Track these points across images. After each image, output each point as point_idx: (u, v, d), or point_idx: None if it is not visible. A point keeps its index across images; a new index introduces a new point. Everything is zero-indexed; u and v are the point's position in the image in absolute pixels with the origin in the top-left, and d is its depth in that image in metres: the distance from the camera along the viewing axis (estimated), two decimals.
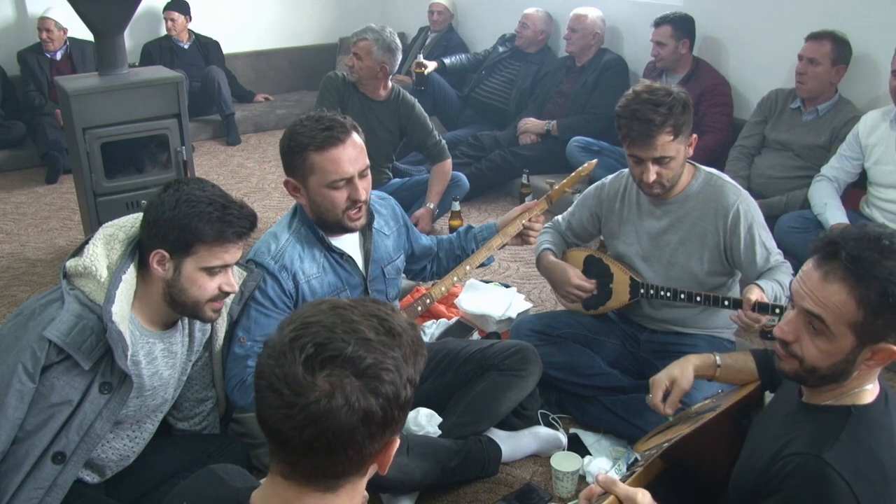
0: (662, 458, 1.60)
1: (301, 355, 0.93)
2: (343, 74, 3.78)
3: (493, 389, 2.22)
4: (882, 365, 1.32)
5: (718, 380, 1.85)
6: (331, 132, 1.98)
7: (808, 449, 1.28)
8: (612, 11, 4.49)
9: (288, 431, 0.93)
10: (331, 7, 6.57)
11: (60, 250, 3.84)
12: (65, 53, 5.16)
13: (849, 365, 1.31)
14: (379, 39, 3.63)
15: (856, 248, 1.27)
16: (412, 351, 0.99)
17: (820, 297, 1.30)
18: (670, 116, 2.09)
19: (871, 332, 1.28)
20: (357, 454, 0.96)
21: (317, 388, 0.92)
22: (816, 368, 1.33)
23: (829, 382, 1.35)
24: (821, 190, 3.09)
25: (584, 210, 2.52)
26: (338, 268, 2.14)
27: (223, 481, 1.11)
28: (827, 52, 3.18)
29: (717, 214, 2.23)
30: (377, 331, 0.97)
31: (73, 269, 1.68)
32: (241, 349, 2.01)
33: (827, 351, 1.31)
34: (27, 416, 1.60)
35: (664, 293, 2.28)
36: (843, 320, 1.28)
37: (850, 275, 1.27)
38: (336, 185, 2.00)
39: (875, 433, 1.30)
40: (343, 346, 0.94)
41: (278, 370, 0.93)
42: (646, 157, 2.15)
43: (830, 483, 1.24)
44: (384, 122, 3.73)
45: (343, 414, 0.92)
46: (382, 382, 0.94)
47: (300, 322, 0.97)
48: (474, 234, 2.47)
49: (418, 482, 2.05)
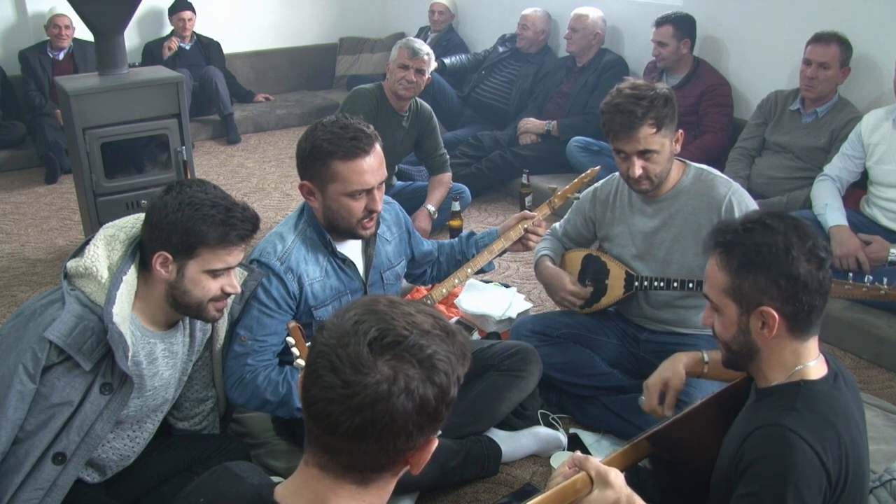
0: (650, 440, 1.60)
1: (365, 338, 0.93)
2: (375, 88, 3.63)
3: (494, 390, 2.22)
4: (774, 330, 1.39)
5: (708, 377, 1.91)
6: (357, 142, 1.96)
7: (767, 421, 1.34)
8: (612, 11, 4.49)
9: (339, 415, 0.92)
10: (331, 7, 6.57)
11: (60, 250, 3.84)
12: (67, 53, 5.16)
13: (747, 336, 1.43)
14: (432, 55, 3.59)
15: (729, 231, 1.44)
16: (462, 352, 1.00)
17: (707, 277, 1.48)
18: (651, 109, 2.11)
19: (744, 295, 1.41)
20: (404, 445, 0.96)
21: (379, 370, 0.92)
22: (728, 345, 1.48)
23: (747, 359, 1.46)
24: (823, 190, 3.09)
25: (578, 215, 2.54)
26: (340, 272, 2.14)
27: (241, 478, 1.10)
28: (835, 54, 3.18)
29: (710, 208, 2.23)
30: (434, 326, 0.98)
31: (74, 269, 1.68)
32: (241, 347, 2.00)
33: (723, 324, 1.46)
34: (27, 416, 1.60)
35: (658, 283, 2.30)
36: (719, 289, 1.44)
37: (722, 249, 1.44)
38: (356, 195, 2.00)
39: (828, 404, 1.37)
40: (406, 333, 0.94)
41: (341, 350, 0.93)
42: (630, 150, 2.17)
43: (793, 445, 1.28)
44: (406, 136, 3.70)
45: (402, 400, 0.92)
46: (438, 373, 0.95)
47: (361, 310, 0.97)
48: (475, 240, 2.47)
49: (418, 482, 2.05)
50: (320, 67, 6.58)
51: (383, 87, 3.63)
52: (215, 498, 1.09)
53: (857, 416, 1.41)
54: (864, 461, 1.38)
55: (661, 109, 2.13)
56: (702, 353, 1.89)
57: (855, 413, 1.41)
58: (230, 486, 1.10)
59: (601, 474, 1.28)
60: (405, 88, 3.54)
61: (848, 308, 2.87)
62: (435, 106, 4.02)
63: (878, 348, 2.79)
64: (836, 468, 1.30)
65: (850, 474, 1.32)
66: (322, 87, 6.57)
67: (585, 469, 1.30)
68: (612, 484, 1.27)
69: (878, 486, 1.84)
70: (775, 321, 1.38)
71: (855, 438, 1.35)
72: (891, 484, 1.84)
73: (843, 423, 1.34)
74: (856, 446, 1.35)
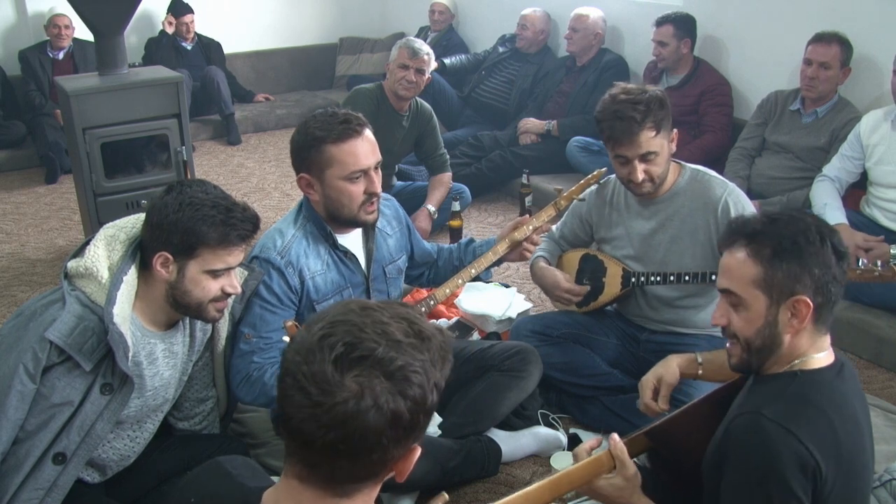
0: (648, 435, 1.61)
1: (331, 354, 0.90)
2: (375, 88, 3.63)
3: (494, 390, 2.22)
4: (805, 320, 1.37)
5: (703, 378, 1.93)
6: (348, 125, 2.00)
7: (749, 408, 1.34)
8: (612, 11, 4.49)
9: (313, 432, 0.90)
10: (331, 7, 6.57)
11: (60, 250, 3.84)
12: (67, 53, 5.17)
13: (773, 328, 1.38)
14: (432, 55, 3.59)
15: (754, 224, 1.41)
16: (440, 356, 0.97)
17: (726, 271, 1.43)
18: (650, 112, 2.13)
19: (776, 286, 1.36)
20: (380, 458, 0.94)
21: (346, 388, 0.89)
22: (750, 342, 1.41)
23: (767, 356, 1.41)
24: (822, 190, 3.09)
25: (574, 218, 2.55)
26: (341, 266, 2.14)
27: (231, 476, 1.09)
28: (836, 54, 3.18)
29: (707, 209, 2.24)
30: (407, 333, 0.94)
31: (75, 269, 1.68)
32: (246, 345, 2.00)
33: (748, 319, 1.40)
34: (28, 416, 1.60)
35: (654, 278, 2.30)
36: (747, 281, 1.38)
37: (747, 241, 1.40)
38: (354, 177, 2.01)
39: (823, 392, 1.35)
40: (374, 346, 0.91)
41: (306, 368, 0.91)
42: (632, 155, 2.17)
43: (766, 431, 1.28)
44: (406, 136, 3.70)
45: (371, 416, 0.89)
46: (411, 385, 0.92)
47: (329, 321, 0.94)
48: (474, 247, 2.48)
49: (418, 482, 2.06)
50: (320, 67, 6.58)
51: (383, 87, 3.63)
52: (205, 499, 1.08)
53: (858, 408, 1.40)
54: (863, 453, 1.37)
55: (658, 112, 2.14)
56: (695, 354, 1.91)
57: (855, 404, 1.40)
58: (220, 485, 1.09)
59: (625, 465, 1.46)
60: (405, 88, 3.54)
61: (848, 308, 2.87)
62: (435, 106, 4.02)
63: (878, 348, 2.79)
64: (825, 455, 1.28)
65: (843, 465, 1.31)
66: (322, 87, 6.57)
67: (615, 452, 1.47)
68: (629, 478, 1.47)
69: (878, 486, 1.84)
70: (809, 309, 1.35)
71: (851, 428, 1.34)
72: (891, 484, 1.84)
73: (839, 414, 1.33)
74: (853, 439, 1.34)
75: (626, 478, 1.48)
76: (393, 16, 6.60)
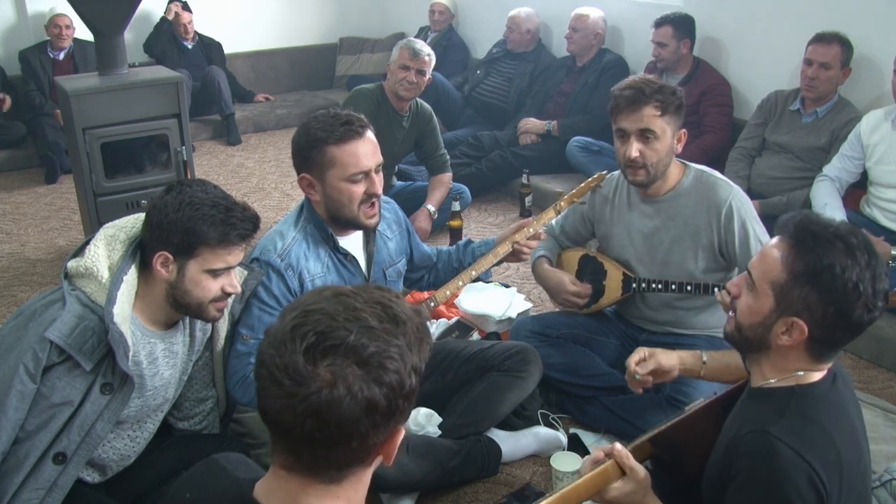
0: (652, 442, 1.61)
1: (302, 344, 0.91)
2: (375, 88, 3.63)
3: (494, 390, 2.22)
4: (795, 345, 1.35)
5: (706, 378, 1.91)
6: (350, 126, 2.00)
7: (755, 427, 1.33)
8: (612, 11, 4.49)
9: (289, 422, 0.91)
10: (331, 7, 6.57)
11: (60, 250, 3.84)
12: (67, 53, 5.17)
13: (766, 332, 1.38)
14: (433, 55, 3.59)
15: (813, 224, 1.35)
16: (417, 339, 0.96)
17: (761, 256, 1.40)
18: (659, 92, 2.15)
19: (788, 299, 1.34)
20: (361, 445, 0.94)
21: (318, 378, 0.89)
22: (741, 326, 1.43)
23: (752, 349, 1.43)
24: (822, 190, 3.09)
25: (576, 213, 2.53)
26: (342, 268, 2.14)
27: (226, 471, 1.09)
28: (836, 54, 3.18)
29: (710, 211, 2.23)
30: (380, 318, 0.94)
31: (75, 269, 1.68)
32: (244, 346, 2.00)
33: (751, 307, 1.40)
34: (28, 416, 1.60)
35: (656, 285, 2.30)
36: (768, 277, 1.37)
37: (794, 241, 1.35)
38: (355, 178, 2.01)
39: (821, 408, 1.35)
40: (345, 334, 0.91)
41: (279, 360, 0.91)
42: (630, 128, 2.17)
43: (779, 454, 1.27)
44: (406, 136, 3.70)
45: (345, 404, 0.89)
46: (386, 371, 0.91)
47: (301, 310, 0.94)
48: (473, 248, 2.47)
49: (418, 482, 2.06)
50: (320, 67, 6.59)
51: (384, 88, 3.64)
52: (200, 493, 1.08)
53: (854, 416, 1.40)
54: (861, 459, 1.37)
55: (669, 96, 2.15)
56: (701, 353, 1.89)
57: (852, 413, 1.40)
58: (215, 480, 1.09)
59: (634, 470, 1.45)
60: (406, 89, 3.54)
61: None
62: (438, 106, 4.03)
63: (878, 348, 2.79)
64: (829, 474, 1.28)
65: (845, 478, 1.31)
66: (322, 87, 6.57)
67: (620, 461, 1.44)
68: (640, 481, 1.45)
69: (878, 486, 1.84)
70: (801, 336, 1.34)
71: (849, 438, 1.34)
72: (891, 484, 1.84)
73: (837, 426, 1.33)
74: (852, 449, 1.34)
75: (638, 481, 1.46)
76: (393, 16, 6.60)
